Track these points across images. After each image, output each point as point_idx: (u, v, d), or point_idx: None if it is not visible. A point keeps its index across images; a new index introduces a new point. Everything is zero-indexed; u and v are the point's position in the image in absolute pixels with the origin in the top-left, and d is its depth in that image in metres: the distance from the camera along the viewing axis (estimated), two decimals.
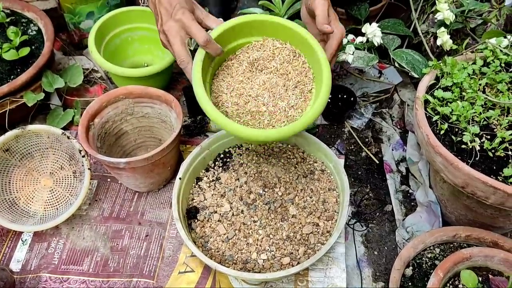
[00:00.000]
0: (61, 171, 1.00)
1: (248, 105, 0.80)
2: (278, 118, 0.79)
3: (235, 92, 0.81)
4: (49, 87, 1.07)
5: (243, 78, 0.82)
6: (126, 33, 1.23)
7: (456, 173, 0.74)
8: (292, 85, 0.81)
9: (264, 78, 0.82)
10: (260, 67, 0.83)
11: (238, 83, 0.82)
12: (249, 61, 0.83)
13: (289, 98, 0.80)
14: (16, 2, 1.16)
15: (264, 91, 0.80)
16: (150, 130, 1.07)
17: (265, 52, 0.84)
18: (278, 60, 0.83)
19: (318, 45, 0.79)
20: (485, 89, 0.83)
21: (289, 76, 0.82)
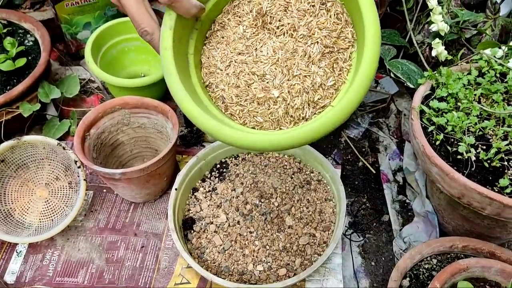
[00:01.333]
0: (57, 182, 1.00)
1: (253, 88, 0.56)
2: (299, 105, 0.55)
3: (233, 68, 0.57)
4: (46, 98, 1.07)
5: (244, 45, 0.57)
6: (122, 44, 1.23)
7: (452, 183, 0.74)
8: (318, 53, 0.55)
9: (275, 44, 0.56)
10: (269, 26, 0.57)
11: (237, 54, 0.57)
12: (252, 16, 0.58)
13: (313, 75, 0.55)
14: (13, 13, 1.16)
15: (275, 66, 0.55)
16: (146, 140, 1.07)
17: (277, 1, 0.57)
18: (295, 12, 0.56)
19: None
20: (480, 99, 0.83)
21: (314, 38, 0.55)
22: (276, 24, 0.57)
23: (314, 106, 0.56)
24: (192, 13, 0.55)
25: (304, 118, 0.56)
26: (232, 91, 0.57)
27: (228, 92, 0.58)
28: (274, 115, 0.56)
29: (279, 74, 0.55)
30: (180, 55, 0.57)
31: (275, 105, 0.56)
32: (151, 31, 0.55)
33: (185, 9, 0.54)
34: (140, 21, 0.54)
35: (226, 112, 0.59)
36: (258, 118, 0.57)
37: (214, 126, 0.53)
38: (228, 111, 0.58)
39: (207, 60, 0.60)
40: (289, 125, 0.56)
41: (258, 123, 0.57)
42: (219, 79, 0.58)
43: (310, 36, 0.55)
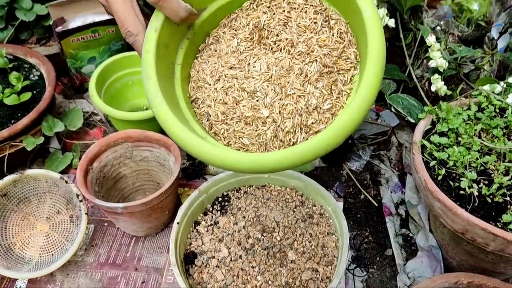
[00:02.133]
0: (58, 215, 0.99)
1: (241, 106, 0.52)
2: (289, 128, 0.50)
3: (222, 83, 0.53)
4: (49, 131, 1.08)
5: (237, 59, 0.53)
6: (126, 77, 1.26)
7: (455, 219, 0.74)
8: (316, 72, 0.50)
9: (270, 60, 0.51)
10: (266, 40, 0.53)
11: (228, 69, 0.53)
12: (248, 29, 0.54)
13: (309, 96, 0.50)
14: (19, 48, 1.18)
15: (268, 83, 0.51)
16: (149, 173, 1.07)
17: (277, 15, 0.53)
18: (295, 27, 0.52)
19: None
20: (481, 134, 0.84)
21: (313, 55, 0.50)
22: (273, 39, 0.53)
23: (306, 131, 0.50)
24: (181, 16, 0.51)
25: (295, 144, 0.50)
26: (219, 108, 0.52)
27: (214, 108, 0.53)
28: (261, 138, 0.50)
29: (271, 92, 0.50)
30: (164, 62, 0.52)
31: (264, 126, 0.50)
32: (135, 32, 0.51)
33: (173, 11, 0.50)
34: (125, 21, 0.51)
35: (210, 130, 0.54)
36: (244, 139, 0.51)
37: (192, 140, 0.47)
38: (212, 130, 0.54)
39: (196, 74, 0.56)
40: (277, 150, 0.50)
41: (244, 145, 0.52)
42: (206, 94, 0.54)
43: (308, 54, 0.51)
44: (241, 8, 0.56)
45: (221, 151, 0.47)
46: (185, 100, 0.54)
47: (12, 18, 1.23)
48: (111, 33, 1.26)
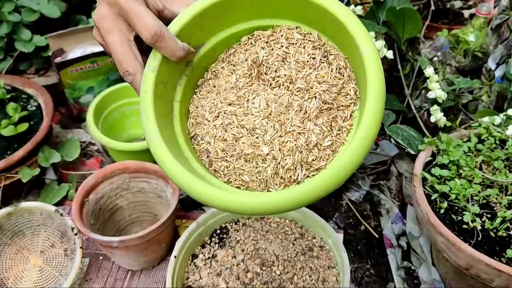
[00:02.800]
0: (52, 249, 0.97)
1: (241, 143, 0.50)
2: (290, 166, 0.49)
3: (221, 119, 0.52)
4: (45, 162, 1.06)
5: (235, 95, 0.52)
6: (124, 107, 1.25)
7: (459, 254, 0.72)
8: (315, 109, 0.49)
9: (269, 96, 0.51)
10: (264, 76, 0.52)
11: (227, 105, 0.52)
12: (247, 65, 0.53)
13: (309, 133, 0.49)
14: (17, 79, 1.19)
15: (267, 120, 0.50)
16: (146, 205, 1.05)
17: (275, 51, 0.52)
18: (294, 63, 0.51)
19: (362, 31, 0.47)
20: (482, 166, 0.83)
21: (312, 92, 0.50)
22: (272, 75, 0.52)
23: (307, 168, 0.49)
24: (178, 55, 0.50)
25: (296, 181, 0.49)
26: (218, 145, 0.51)
27: (214, 145, 0.52)
28: (262, 175, 0.49)
29: (271, 129, 0.49)
30: (162, 100, 0.51)
31: (264, 164, 0.49)
32: (133, 71, 0.50)
33: (170, 51, 0.49)
34: (123, 60, 0.50)
35: (209, 167, 0.53)
36: (244, 177, 0.50)
37: (189, 180, 0.46)
38: (212, 167, 0.52)
39: (195, 110, 0.55)
40: (278, 187, 0.49)
41: (244, 182, 0.50)
42: (206, 131, 0.53)
43: (307, 90, 0.50)
44: (239, 43, 0.56)
45: (219, 193, 0.46)
46: (184, 136, 0.53)
47: (11, 49, 1.24)
48: (110, 63, 1.27)
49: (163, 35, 0.47)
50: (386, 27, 1.02)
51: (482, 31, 1.12)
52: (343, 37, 0.48)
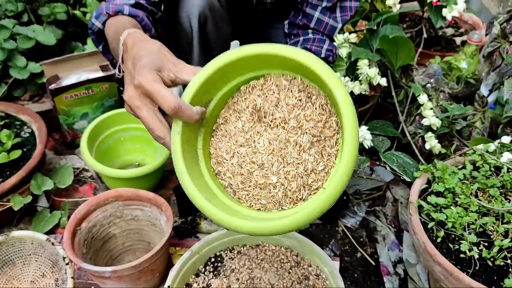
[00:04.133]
0: (43, 279, 0.95)
1: (254, 176, 0.62)
2: (295, 189, 0.61)
3: (236, 158, 0.64)
4: (38, 190, 1.05)
5: (244, 138, 0.64)
6: (118, 133, 1.25)
7: (456, 284, 0.71)
8: (308, 142, 0.61)
9: (270, 136, 0.62)
10: (264, 119, 0.63)
11: (238, 146, 0.64)
12: (249, 112, 0.64)
13: (305, 162, 0.60)
14: (11, 105, 1.18)
15: (272, 156, 0.62)
16: (139, 233, 1.04)
17: (269, 97, 0.63)
18: (285, 106, 0.62)
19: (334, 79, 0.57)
20: (478, 193, 0.83)
21: (303, 129, 0.61)
22: (269, 118, 0.63)
23: (309, 188, 0.62)
24: (195, 119, 0.61)
25: (302, 199, 0.62)
26: (238, 179, 0.64)
27: (234, 179, 0.64)
28: (275, 198, 0.62)
29: (276, 162, 0.62)
30: (189, 153, 0.64)
31: (275, 189, 0.62)
32: (163, 135, 0.62)
33: (188, 117, 0.60)
34: (153, 129, 0.61)
35: (234, 196, 0.65)
36: (262, 200, 0.63)
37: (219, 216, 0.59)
38: (236, 196, 0.65)
39: (215, 151, 0.67)
40: (289, 205, 0.62)
41: (263, 205, 0.63)
42: (226, 168, 0.65)
43: (299, 128, 0.61)
44: (240, 92, 0.67)
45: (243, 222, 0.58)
46: (210, 174, 0.66)
47: (5, 76, 1.24)
48: (105, 90, 1.27)
49: (181, 107, 0.58)
50: (379, 54, 1.03)
51: (474, 58, 1.14)
52: (320, 81, 0.59)
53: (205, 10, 1.01)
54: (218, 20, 1.06)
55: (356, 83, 1.02)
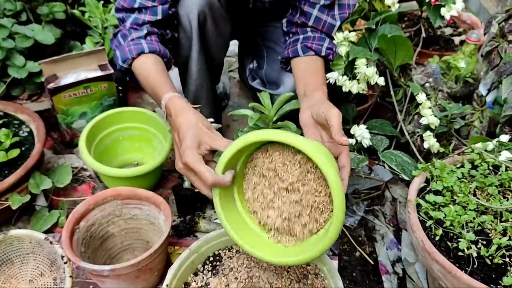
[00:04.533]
0: (41, 278, 0.95)
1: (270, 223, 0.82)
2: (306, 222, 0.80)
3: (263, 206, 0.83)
4: (36, 189, 1.05)
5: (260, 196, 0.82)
6: (117, 133, 1.25)
7: (455, 282, 0.71)
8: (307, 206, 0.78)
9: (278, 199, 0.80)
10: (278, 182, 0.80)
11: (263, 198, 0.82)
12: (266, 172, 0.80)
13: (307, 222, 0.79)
14: (10, 104, 1.18)
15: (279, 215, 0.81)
16: (138, 232, 1.04)
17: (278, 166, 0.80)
18: (290, 175, 0.78)
19: (324, 163, 0.71)
20: (476, 192, 0.83)
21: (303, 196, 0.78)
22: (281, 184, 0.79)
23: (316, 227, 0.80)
24: (228, 184, 0.78)
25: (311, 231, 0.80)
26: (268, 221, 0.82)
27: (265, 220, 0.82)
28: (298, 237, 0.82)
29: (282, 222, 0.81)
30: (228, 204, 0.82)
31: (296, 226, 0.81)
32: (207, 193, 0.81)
33: (223, 184, 0.77)
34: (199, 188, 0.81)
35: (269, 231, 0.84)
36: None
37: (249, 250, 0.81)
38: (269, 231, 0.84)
39: (249, 197, 0.84)
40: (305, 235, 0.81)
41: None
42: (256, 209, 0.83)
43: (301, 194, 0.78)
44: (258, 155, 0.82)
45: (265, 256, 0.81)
46: (245, 211, 0.85)
47: (4, 75, 1.24)
48: (103, 89, 1.27)
49: (217, 180, 0.76)
50: (378, 53, 1.03)
51: (472, 58, 1.14)
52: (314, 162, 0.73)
53: (204, 9, 1.01)
54: (218, 18, 1.06)
55: (354, 82, 1.02)
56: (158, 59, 0.99)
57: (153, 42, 0.99)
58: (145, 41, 0.99)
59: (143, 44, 0.98)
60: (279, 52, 1.16)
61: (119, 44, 1.01)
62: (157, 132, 1.23)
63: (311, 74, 0.97)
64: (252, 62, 1.38)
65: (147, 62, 0.97)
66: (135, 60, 0.98)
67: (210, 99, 1.21)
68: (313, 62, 1.00)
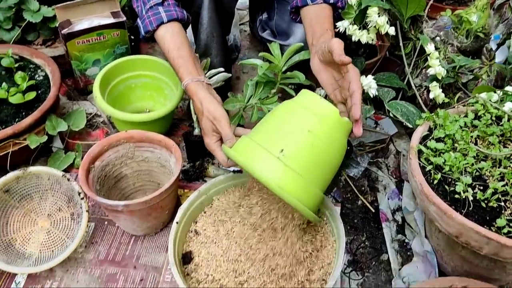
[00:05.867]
0: (59, 213, 1.01)
1: None
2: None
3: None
4: (52, 130, 1.09)
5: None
6: (130, 80, 1.27)
7: (450, 222, 0.75)
8: None
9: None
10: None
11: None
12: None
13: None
14: (25, 48, 1.21)
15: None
16: (149, 174, 1.08)
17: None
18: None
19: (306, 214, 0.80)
20: (477, 141, 0.85)
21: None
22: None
23: None
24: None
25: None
26: None
27: None
28: None
29: None
30: None
31: None
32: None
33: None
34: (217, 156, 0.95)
35: None
36: None
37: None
38: None
39: None
40: None
41: None
42: None
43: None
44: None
45: None
46: None
47: (19, 20, 1.26)
48: (116, 37, 1.28)
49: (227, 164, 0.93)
50: (389, 3, 1.03)
51: (485, 12, 1.13)
52: None
53: None
54: None
55: (364, 32, 1.03)
56: (177, 28, 1.03)
57: (170, 8, 1.03)
58: (163, 8, 1.03)
59: (162, 13, 1.02)
60: (289, 3, 1.16)
61: (140, 13, 1.05)
62: (169, 81, 1.25)
63: (318, 22, 0.98)
64: (263, 14, 1.38)
65: (166, 37, 1.03)
66: (156, 31, 1.04)
67: (221, 49, 1.22)
68: (321, 10, 1.01)
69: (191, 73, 0.99)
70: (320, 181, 0.82)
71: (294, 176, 0.78)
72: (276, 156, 0.78)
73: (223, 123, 0.92)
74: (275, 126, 0.84)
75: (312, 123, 0.80)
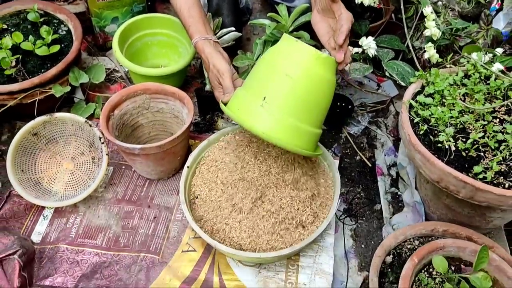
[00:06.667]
0: (82, 156, 1.11)
1: None
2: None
3: None
4: (75, 82, 1.18)
5: None
6: (146, 37, 1.35)
7: (432, 168, 0.83)
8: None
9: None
10: None
11: None
12: None
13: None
14: (49, 4, 1.28)
15: None
16: (163, 124, 1.17)
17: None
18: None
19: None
20: (465, 98, 0.92)
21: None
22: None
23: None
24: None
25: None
26: None
27: None
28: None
29: None
30: None
31: None
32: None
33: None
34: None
35: None
36: None
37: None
38: None
39: None
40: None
41: None
42: None
43: None
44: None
45: None
46: None
47: None
48: None
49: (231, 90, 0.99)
50: None
51: None
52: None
53: None
54: None
55: None
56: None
57: None
58: None
59: None
60: None
61: None
62: (183, 39, 1.32)
63: None
64: None
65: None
66: None
67: (232, 10, 1.29)
68: None
69: (200, 32, 1.06)
70: (308, 118, 0.88)
71: (278, 119, 0.85)
72: (260, 105, 0.86)
73: (225, 76, 1.00)
74: (258, 75, 0.92)
75: (288, 66, 0.87)
